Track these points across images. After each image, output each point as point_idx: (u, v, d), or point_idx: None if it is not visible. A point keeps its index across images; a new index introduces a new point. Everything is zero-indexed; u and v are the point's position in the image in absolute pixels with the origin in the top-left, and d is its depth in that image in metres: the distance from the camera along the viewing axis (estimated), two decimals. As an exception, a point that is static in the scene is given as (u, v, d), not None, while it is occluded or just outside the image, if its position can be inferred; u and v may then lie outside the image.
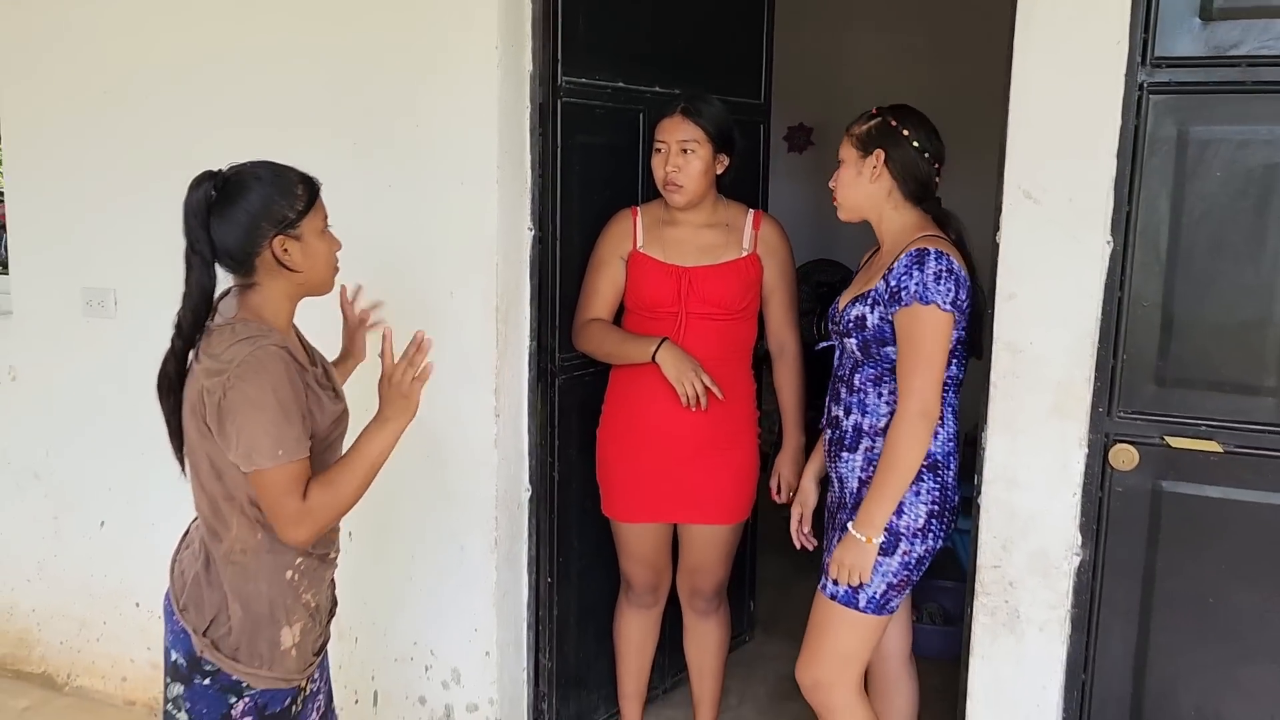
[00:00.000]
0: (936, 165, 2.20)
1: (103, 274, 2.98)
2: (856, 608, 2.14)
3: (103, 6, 2.87)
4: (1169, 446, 2.04)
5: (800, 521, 2.43)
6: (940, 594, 3.57)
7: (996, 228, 2.11)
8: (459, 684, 2.67)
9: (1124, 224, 2.01)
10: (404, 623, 2.72)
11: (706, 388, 2.41)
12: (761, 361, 2.70)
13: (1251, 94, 1.92)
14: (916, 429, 2.07)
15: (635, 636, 2.76)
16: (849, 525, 2.14)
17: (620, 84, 2.72)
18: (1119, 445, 2.08)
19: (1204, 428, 2.02)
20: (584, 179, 2.65)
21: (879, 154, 2.17)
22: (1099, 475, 2.09)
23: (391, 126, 2.53)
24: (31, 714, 3.12)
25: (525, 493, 2.66)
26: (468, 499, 2.58)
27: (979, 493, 2.15)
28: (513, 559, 2.65)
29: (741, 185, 2.84)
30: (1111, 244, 2.02)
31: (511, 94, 2.45)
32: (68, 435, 3.11)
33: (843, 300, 2.28)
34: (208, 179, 1.74)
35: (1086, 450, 2.08)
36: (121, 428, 2.99)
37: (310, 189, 1.78)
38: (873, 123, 2.19)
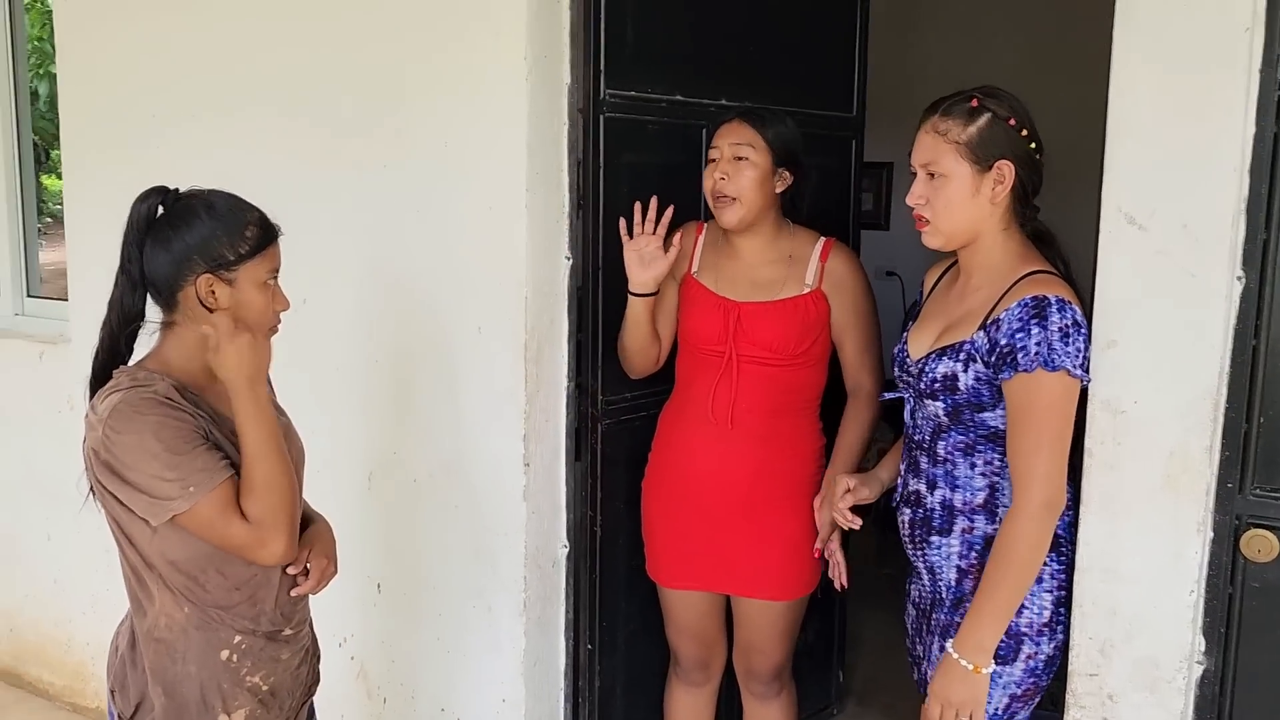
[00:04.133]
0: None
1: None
2: None
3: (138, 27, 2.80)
4: (1321, 534, 1.62)
5: (846, 492, 2.02)
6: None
7: (1095, 260, 1.73)
8: (486, 758, 2.43)
9: (1259, 254, 1.61)
10: (431, 686, 2.50)
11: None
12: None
13: None
14: (1042, 526, 1.66)
15: (685, 717, 2.45)
16: (948, 646, 1.73)
17: (678, 97, 2.44)
18: (1255, 530, 1.66)
19: (1366, 514, 1.59)
20: (634, 202, 2.38)
21: (1006, 166, 1.72)
22: (1227, 567, 1.67)
23: (420, 146, 2.34)
24: (79, 752, 3.05)
25: (562, 550, 2.40)
26: (495, 556, 2.34)
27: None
28: (545, 623, 2.39)
29: (830, 208, 2.53)
30: (1244, 280, 1.61)
31: (544, 109, 2.22)
32: (121, 467, 3.04)
33: (912, 343, 1.89)
34: (156, 195, 1.57)
35: (1211, 535, 1.67)
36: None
37: (264, 234, 1.58)
38: (983, 121, 1.72)
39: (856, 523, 2.05)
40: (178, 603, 1.55)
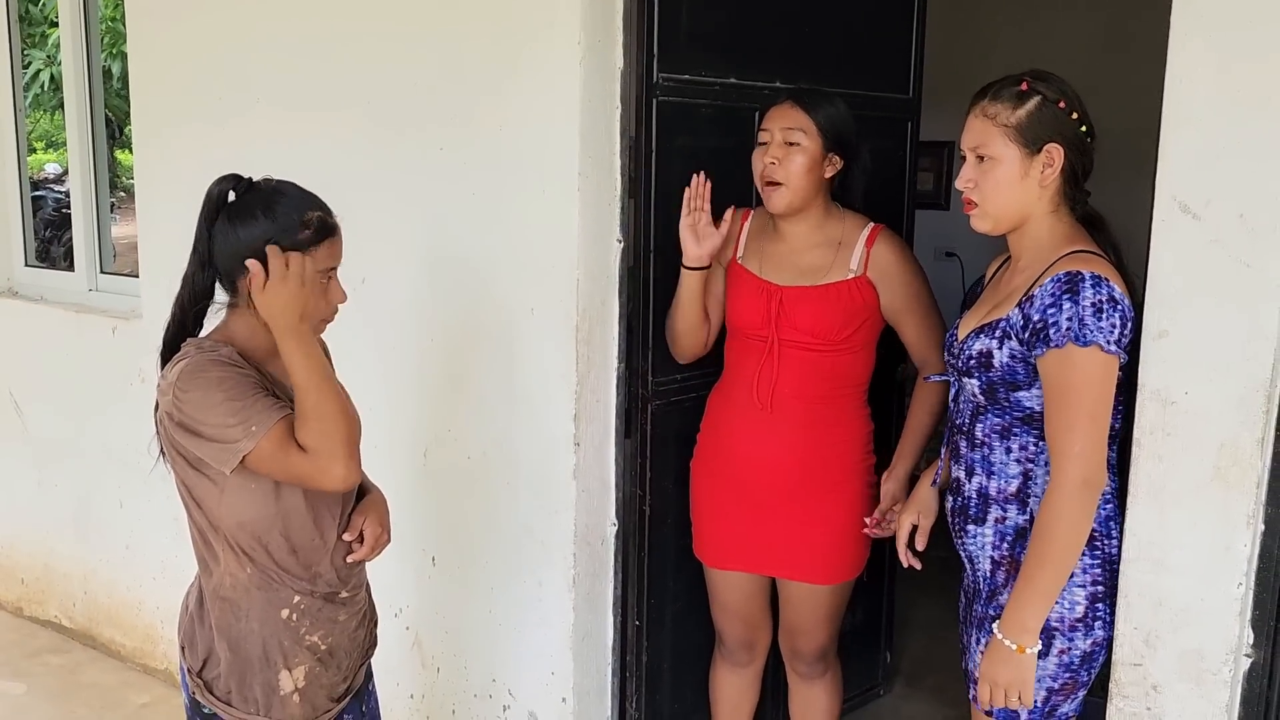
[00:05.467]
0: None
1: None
2: None
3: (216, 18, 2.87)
4: (1377, 530, 1.60)
5: (912, 536, 2.04)
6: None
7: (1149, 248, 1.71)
8: (535, 729, 2.49)
9: (1321, 246, 1.58)
10: (484, 657, 2.56)
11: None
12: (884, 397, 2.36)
13: None
14: (1081, 503, 1.66)
15: (730, 696, 2.48)
16: (994, 628, 1.74)
17: (731, 80, 2.45)
18: (1308, 525, 1.64)
19: None
20: (687, 186, 2.39)
21: (1055, 150, 1.73)
22: (1278, 560, 1.65)
23: (475, 130, 2.38)
24: (149, 710, 3.17)
25: (611, 528, 2.44)
26: (545, 533, 2.39)
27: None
28: (594, 599, 2.43)
29: (883, 191, 2.52)
30: (1301, 271, 1.59)
31: (597, 93, 2.24)
32: (189, 438, 3.14)
33: (962, 326, 1.89)
34: (230, 182, 1.64)
35: (1261, 529, 1.65)
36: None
37: (322, 232, 1.63)
38: (1032, 104, 1.73)
39: (918, 565, 2.07)
40: (241, 563, 1.63)
